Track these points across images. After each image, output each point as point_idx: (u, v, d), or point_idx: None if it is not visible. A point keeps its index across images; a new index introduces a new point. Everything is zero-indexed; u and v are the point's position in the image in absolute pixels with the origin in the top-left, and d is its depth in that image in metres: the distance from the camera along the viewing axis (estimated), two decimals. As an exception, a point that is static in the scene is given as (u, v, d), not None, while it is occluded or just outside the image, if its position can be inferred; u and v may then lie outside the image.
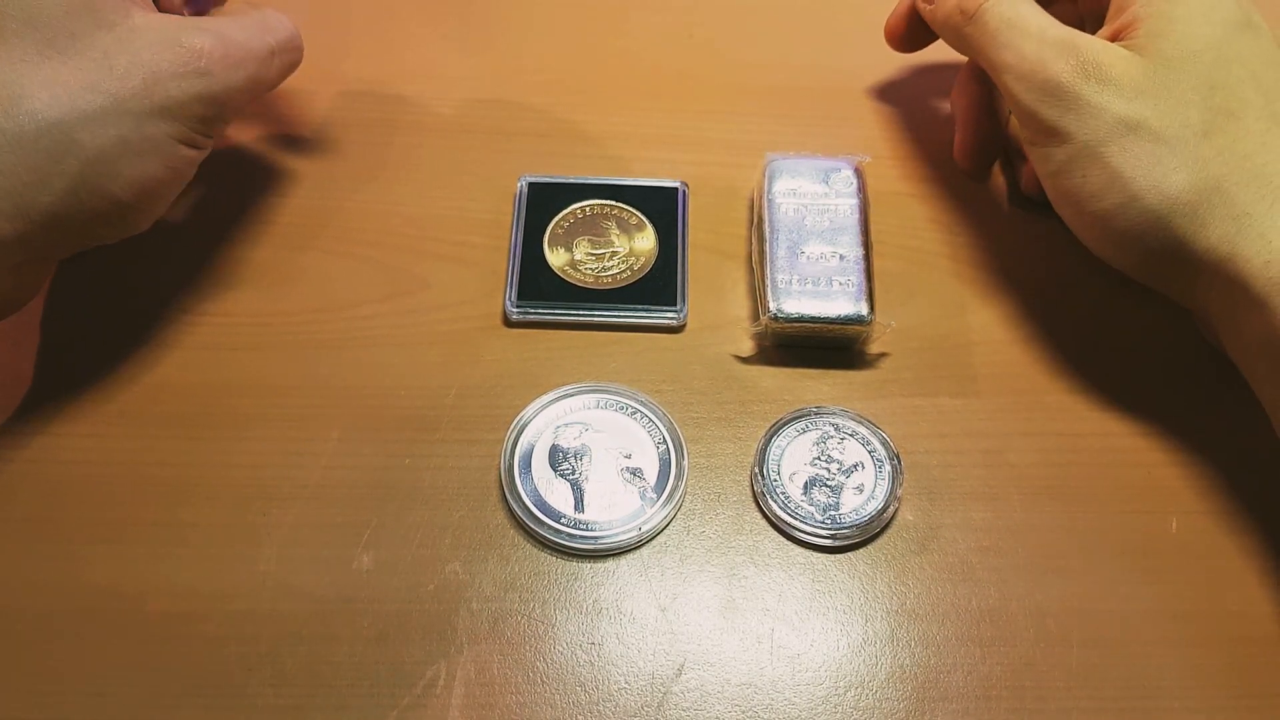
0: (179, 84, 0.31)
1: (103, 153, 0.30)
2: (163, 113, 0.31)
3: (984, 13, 0.35)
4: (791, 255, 0.37)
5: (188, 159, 0.33)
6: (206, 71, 0.32)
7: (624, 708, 0.30)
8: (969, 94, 0.41)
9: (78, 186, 0.30)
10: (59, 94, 0.30)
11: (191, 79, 0.31)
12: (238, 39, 0.33)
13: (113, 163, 0.30)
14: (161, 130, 0.31)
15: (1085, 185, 0.33)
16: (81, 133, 0.30)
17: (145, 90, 0.31)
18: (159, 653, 0.31)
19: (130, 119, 0.30)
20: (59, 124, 0.29)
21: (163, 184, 0.32)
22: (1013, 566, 0.33)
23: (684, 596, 0.32)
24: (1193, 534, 0.34)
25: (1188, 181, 0.31)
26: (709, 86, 0.45)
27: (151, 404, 0.35)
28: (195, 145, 0.33)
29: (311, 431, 0.35)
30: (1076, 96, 0.32)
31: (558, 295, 0.38)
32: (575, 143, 0.43)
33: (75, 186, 0.30)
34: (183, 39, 0.32)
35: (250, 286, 0.38)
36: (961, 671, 0.31)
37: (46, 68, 0.30)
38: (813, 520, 0.33)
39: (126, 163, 0.31)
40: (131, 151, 0.31)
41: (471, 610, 0.32)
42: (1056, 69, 0.33)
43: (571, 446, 0.34)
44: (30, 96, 0.29)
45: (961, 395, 0.36)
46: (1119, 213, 0.32)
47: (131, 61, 0.31)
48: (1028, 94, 0.33)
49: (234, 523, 0.33)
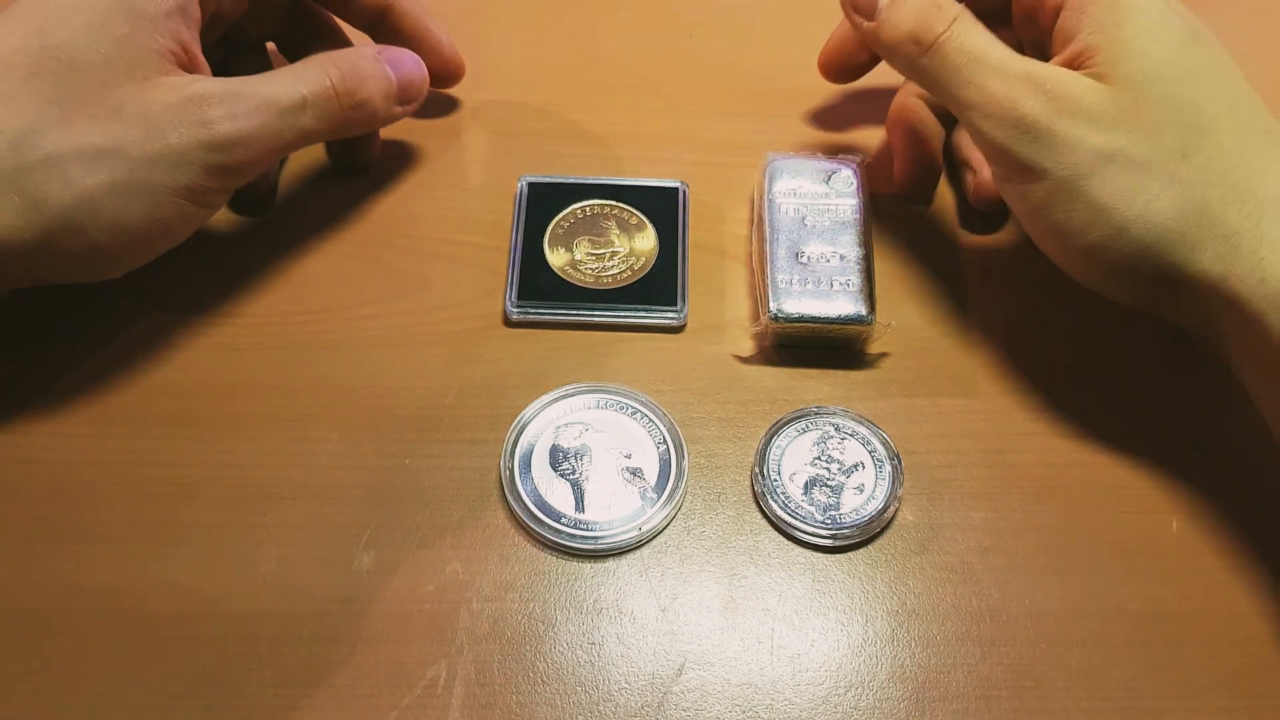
0: (180, 132, 0.31)
1: (90, 191, 0.30)
2: (161, 160, 0.31)
3: (942, 45, 0.33)
4: (792, 255, 0.37)
5: (181, 211, 0.32)
6: (209, 121, 0.32)
7: (624, 708, 0.30)
8: (905, 124, 0.40)
9: (56, 223, 0.30)
10: (65, 134, 0.30)
11: (193, 127, 0.31)
12: (253, 90, 0.33)
13: (97, 203, 0.31)
14: (158, 178, 0.31)
15: (1069, 221, 0.32)
16: (75, 169, 0.30)
17: (145, 137, 0.31)
18: (159, 653, 0.31)
19: (125, 163, 0.31)
20: (55, 159, 0.30)
21: (143, 230, 0.32)
22: (1013, 566, 0.33)
23: (684, 596, 0.32)
24: (1193, 534, 0.34)
25: (1173, 206, 0.31)
26: (709, 86, 0.45)
27: (152, 404, 0.35)
28: (198, 200, 0.33)
29: (311, 431, 0.35)
30: (1051, 133, 0.31)
31: (558, 295, 0.38)
32: (575, 143, 0.43)
33: (54, 222, 0.30)
34: (192, 90, 0.32)
35: (250, 287, 0.38)
36: (961, 671, 0.31)
37: (65, 109, 0.30)
38: (813, 520, 0.33)
39: (110, 204, 0.31)
40: (117, 194, 0.31)
41: (471, 610, 0.32)
42: (1028, 106, 0.32)
43: (572, 446, 0.34)
44: (40, 133, 0.30)
45: (961, 395, 0.36)
46: (1107, 245, 0.31)
47: (140, 111, 0.31)
48: (999, 132, 0.32)
49: (234, 523, 0.33)
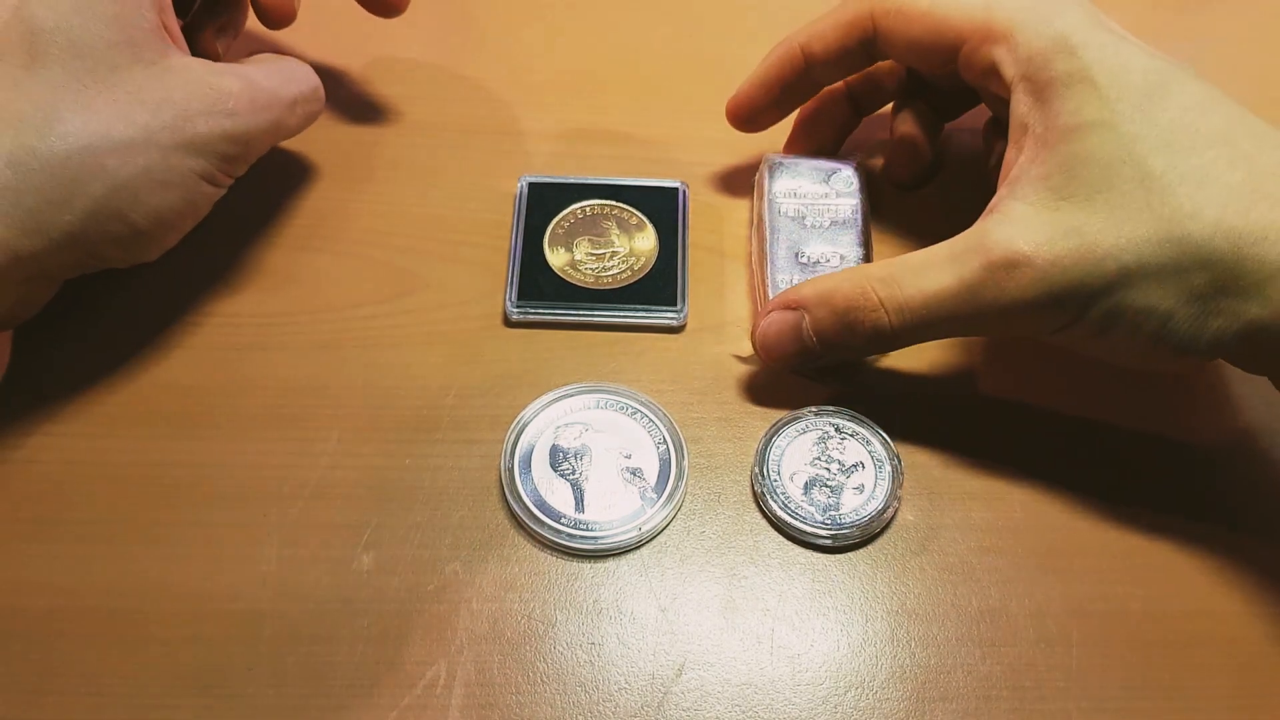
0: (206, 122, 0.33)
1: (128, 180, 0.31)
2: (189, 148, 0.32)
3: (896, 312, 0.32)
4: (792, 256, 0.37)
5: (206, 195, 0.34)
6: (234, 112, 0.33)
7: (624, 708, 0.30)
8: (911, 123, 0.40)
9: (99, 210, 0.31)
10: (91, 120, 0.31)
11: (219, 118, 0.33)
12: (265, 85, 0.35)
13: (135, 191, 0.31)
14: (186, 164, 0.32)
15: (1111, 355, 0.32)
16: (110, 159, 0.31)
17: (174, 125, 0.32)
18: (159, 653, 0.31)
19: (157, 151, 0.32)
20: (89, 148, 0.30)
21: (179, 215, 0.33)
22: (1013, 566, 0.33)
23: (684, 596, 0.32)
24: (1192, 534, 0.34)
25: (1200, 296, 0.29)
26: (709, 86, 0.45)
27: (152, 404, 0.35)
28: (215, 182, 0.34)
29: (311, 431, 0.35)
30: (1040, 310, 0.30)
31: (558, 295, 0.38)
32: (575, 143, 0.43)
33: (96, 210, 0.31)
34: (213, 81, 0.33)
35: (251, 286, 0.38)
36: (961, 671, 0.31)
37: (83, 95, 0.31)
38: (813, 520, 0.33)
39: (149, 192, 0.32)
40: (155, 181, 0.32)
41: (471, 610, 0.32)
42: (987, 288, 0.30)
43: (571, 446, 0.34)
44: (64, 120, 0.30)
45: (961, 395, 0.36)
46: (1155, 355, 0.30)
47: (164, 98, 0.32)
48: (1001, 325, 0.32)
49: (234, 523, 0.33)
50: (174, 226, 0.34)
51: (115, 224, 0.31)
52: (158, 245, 0.34)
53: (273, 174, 0.41)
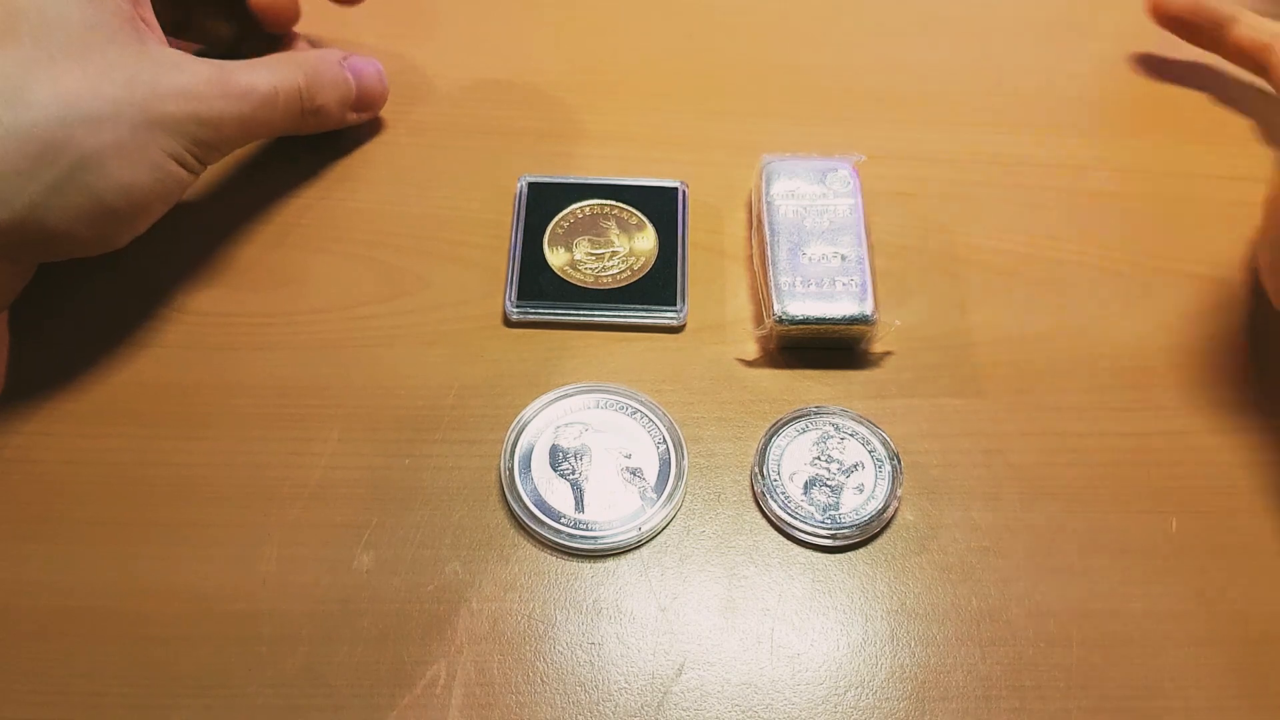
0: (176, 102, 0.33)
1: (95, 152, 0.31)
2: (159, 125, 0.32)
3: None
4: (793, 257, 0.37)
5: (175, 177, 0.34)
6: (203, 96, 0.33)
7: (624, 708, 0.30)
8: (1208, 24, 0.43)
9: (65, 183, 0.31)
10: (61, 93, 0.31)
11: (190, 100, 0.33)
12: (240, 76, 0.35)
13: (103, 164, 0.31)
14: (155, 142, 0.32)
15: None
16: (79, 130, 0.31)
17: (144, 103, 0.32)
18: (159, 653, 0.31)
19: (127, 126, 0.32)
20: (57, 119, 0.30)
21: (147, 195, 0.33)
22: (1013, 566, 0.33)
23: (684, 596, 0.32)
24: (1193, 534, 0.34)
25: None
26: (709, 86, 0.45)
27: (152, 404, 0.35)
28: (185, 165, 0.34)
29: (311, 431, 0.35)
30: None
31: (558, 295, 0.38)
32: (575, 143, 0.43)
33: (62, 182, 0.31)
34: (185, 65, 0.34)
35: (250, 286, 0.38)
36: (961, 671, 0.31)
37: (54, 69, 0.31)
38: (813, 520, 0.33)
39: (117, 166, 0.31)
40: (124, 157, 0.32)
41: (471, 610, 0.32)
42: None
43: (571, 446, 0.34)
44: (33, 91, 0.30)
45: (961, 395, 0.36)
46: None
47: (133, 76, 0.32)
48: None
49: (234, 523, 0.33)
50: (143, 206, 0.33)
51: (81, 197, 0.31)
52: (127, 227, 0.34)
53: (273, 173, 0.41)
